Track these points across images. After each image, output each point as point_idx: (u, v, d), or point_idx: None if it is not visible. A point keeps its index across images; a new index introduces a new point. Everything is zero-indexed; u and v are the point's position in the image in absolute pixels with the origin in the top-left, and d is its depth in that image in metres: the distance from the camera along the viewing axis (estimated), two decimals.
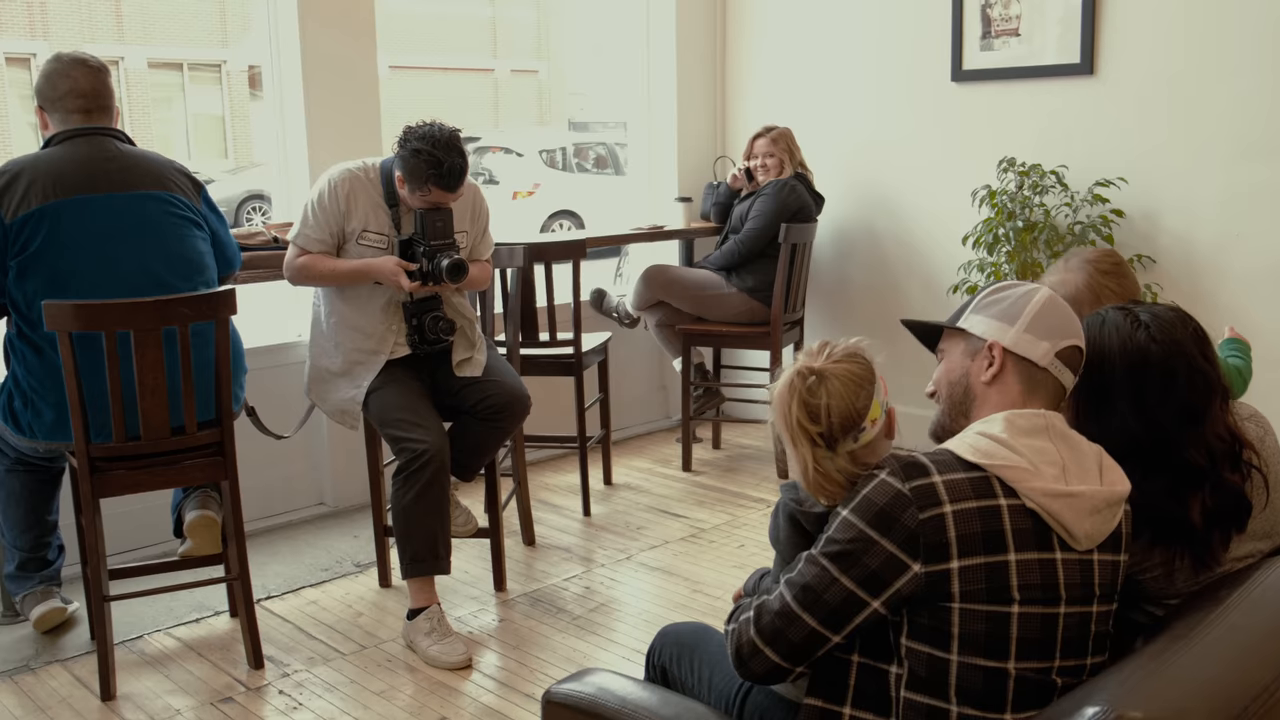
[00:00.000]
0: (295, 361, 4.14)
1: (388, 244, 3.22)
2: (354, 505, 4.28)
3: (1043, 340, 1.63)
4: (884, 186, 4.90)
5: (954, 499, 1.48)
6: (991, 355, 1.65)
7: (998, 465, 1.51)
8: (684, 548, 3.90)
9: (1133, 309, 1.81)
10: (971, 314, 1.69)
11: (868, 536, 1.50)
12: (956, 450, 1.55)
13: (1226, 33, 3.88)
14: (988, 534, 1.48)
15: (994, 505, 1.49)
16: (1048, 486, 1.51)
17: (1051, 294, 1.68)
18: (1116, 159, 4.14)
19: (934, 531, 1.47)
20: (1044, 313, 1.65)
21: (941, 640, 1.50)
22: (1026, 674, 1.50)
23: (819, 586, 1.53)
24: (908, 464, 1.53)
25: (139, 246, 2.89)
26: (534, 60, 23.19)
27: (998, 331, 1.65)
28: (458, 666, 3.05)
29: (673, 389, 5.42)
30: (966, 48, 4.51)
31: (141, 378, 2.79)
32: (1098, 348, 1.77)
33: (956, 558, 1.47)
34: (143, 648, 3.21)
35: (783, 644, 1.56)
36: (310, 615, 3.41)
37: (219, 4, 19.53)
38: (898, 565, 1.49)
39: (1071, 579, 1.52)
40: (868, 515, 1.51)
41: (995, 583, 1.48)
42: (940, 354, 1.77)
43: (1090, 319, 1.84)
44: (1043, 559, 1.50)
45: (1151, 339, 1.73)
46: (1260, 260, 3.89)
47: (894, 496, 1.50)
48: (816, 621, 1.53)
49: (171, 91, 19.30)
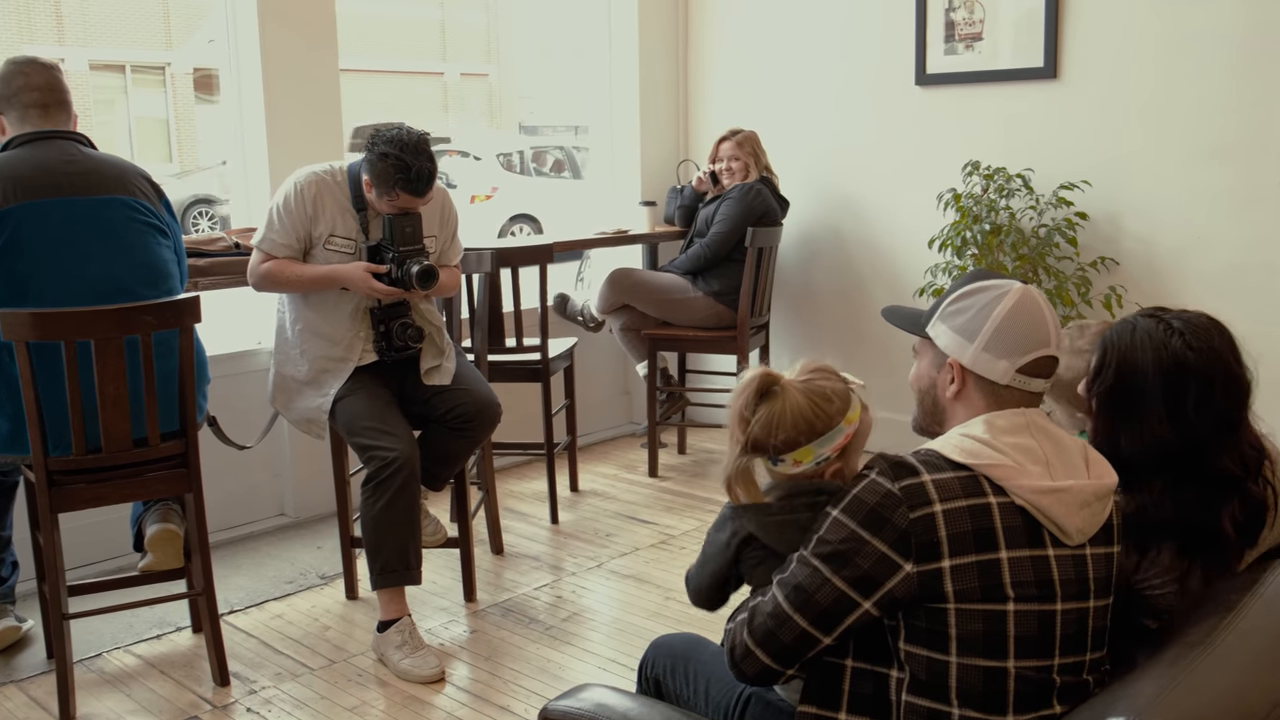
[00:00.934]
0: (255, 369, 4.05)
1: (355, 249, 3.15)
2: (316, 515, 4.20)
3: (1001, 359, 1.58)
4: (849, 190, 4.90)
5: (944, 498, 1.48)
6: (952, 373, 1.63)
7: (984, 464, 1.51)
8: (654, 554, 3.87)
9: (1163, 315, 1.77)
10: (938, 320, 1.66)
11: (859, 536, 1.49)
12: (943, 451, 1.54)
13: (1188, 37, 3.92)
14: (978, 532, 1.47)
15: (984, 503, 1.49)
16: (1035, 483, 1.50)
17: (1018, 300, 1.59)
18: (1080, 162, 4.18)
19: (925, 531, 1.47)
20: (1004, 327, 1.58)
21: (939, 642, 1.49)
22: (1026, 673, 1.49)
23: (810, 587, 1.52)
24: (896, 464, 1.52)
25: (102, 252, 2.80)
26: (484, 63, 23.06)
27: (957, 348, 1.62)
28: (430, 680, 2.99)
29: (636, 394, 5.39)
30: (930, 52, 4.53)
31: (102, 388, 2.70)
32: (1128, 356, 1.74)
33: (948, 557, 1.46)
34: (102, 666, 3.12)
35: (773, 645, 1.56)
36: (276, 629, 3.34)
37: (162, 6, 19.21)
38: (889, 565, 1.48)
39: (1066, 574, 1.51)
40: (858, 515, 1.50)
41: (988, 581, 1.47)
42: (915, 351, 1.75)
43: (1120, 326, 1.79)
44: (1035, 555, 1.49)
45: (1188, 346, 1.70)
46: (1222, 262, 3.94)
47: (884, 496, 1.49)
48: (808, 622, 1.53)
49: (113, 94, 18.94)
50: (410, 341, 3.20)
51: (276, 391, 3.30)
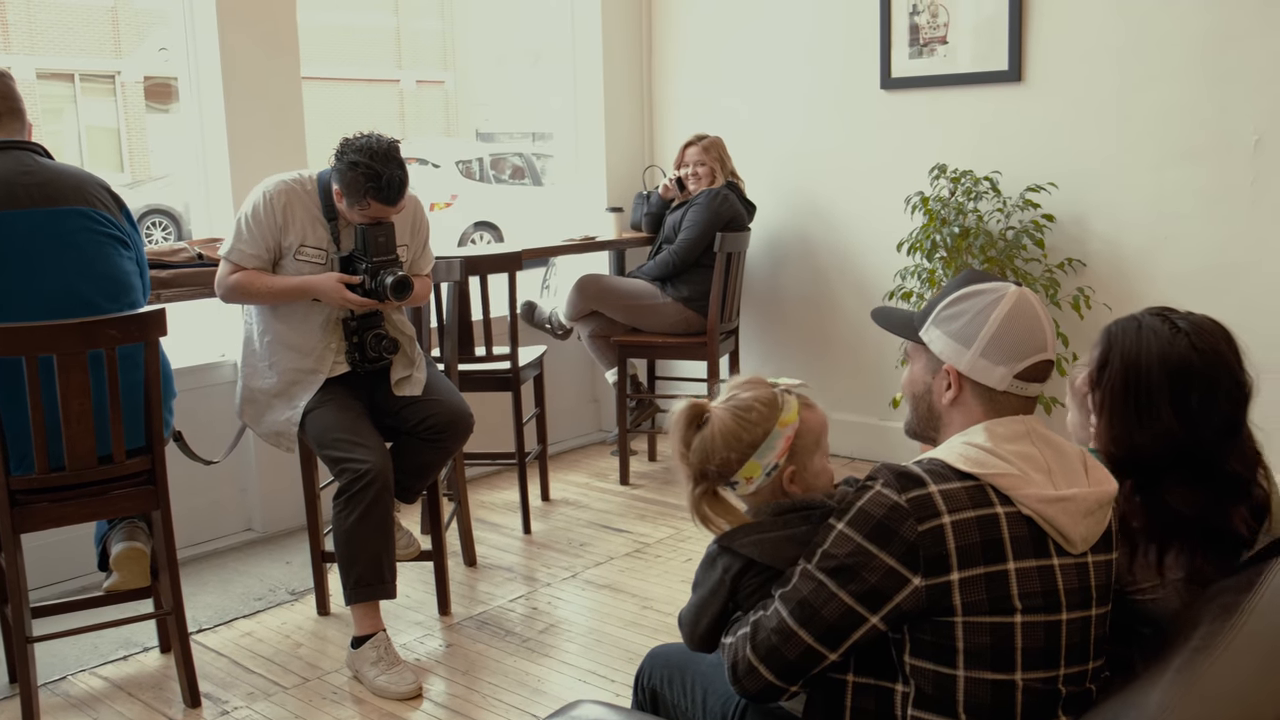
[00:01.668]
0: (220, 382, 3.98)
1: (327, 260, 3.10)
2: (284, 530, 4.13)
3: (999, 366, 1.56)
4: (816, 194, 4.90)
5: (952, 509, 1.45)
6: (949, 379, 1.61)
7: (991, 474, 1.49)
8: (629, 563, 3.83)
9: (1169, 315, 1.76)
10: (932, 325, 1.63)
11: (866, 550, 1.46)
12: (948, 460, 1.51)
13: (1151, 39, 3.96)
14: (986, 543, 1.45)
15: (991, 514, 1.46)
16: (1041, 492, 1.49)
17: (1015, 304, 1.57)
18: (1046, 164, 4.20)
19: (933, 543, 1.44)
20: (1002, 332, 1.56)
21: (946, 656, 1.46)
22: (1034, 685, 1.47)
23: (816, 602, 1.48)
24: (902, 475, 1.49)
25: (61, 264, 2.72)
26: (440, 71, 22.94)
27: (954, 354, 1.59)
28: (408, 696, 2.94)
29: (605, 401, 5.36)
30: (895, 56, 4.53)
31: (66, 404, 2.63)
32: (1133, 354, 1.73)
33: (957, 569, 1.44)
34: (68, 690, 3.03)
35: (778, 661, 1.52)
36: (246, 648, 3.27)
37: (111, 14, 18.94)
38: (898, 579, 1.45)
39: (1070, 584, 1.50)
40: (865, 528, 1.47)
41: (996, 593, 1.45)
42: (906, 355, 1.73)
43: (1125, 323, 1.78)
44: (1041, 566, 1.48)
45: (1193, 347, 1.70)
46: (1187, 263, 3.97)
47: (891, 508, 1.46)
48: (813, 638, 1.49)
49: (62, 103, 18.64)
50: (385, 353, 3.15)
51: (244, 405, 3.24)
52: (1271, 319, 3.78)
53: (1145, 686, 1.32)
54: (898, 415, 1.52)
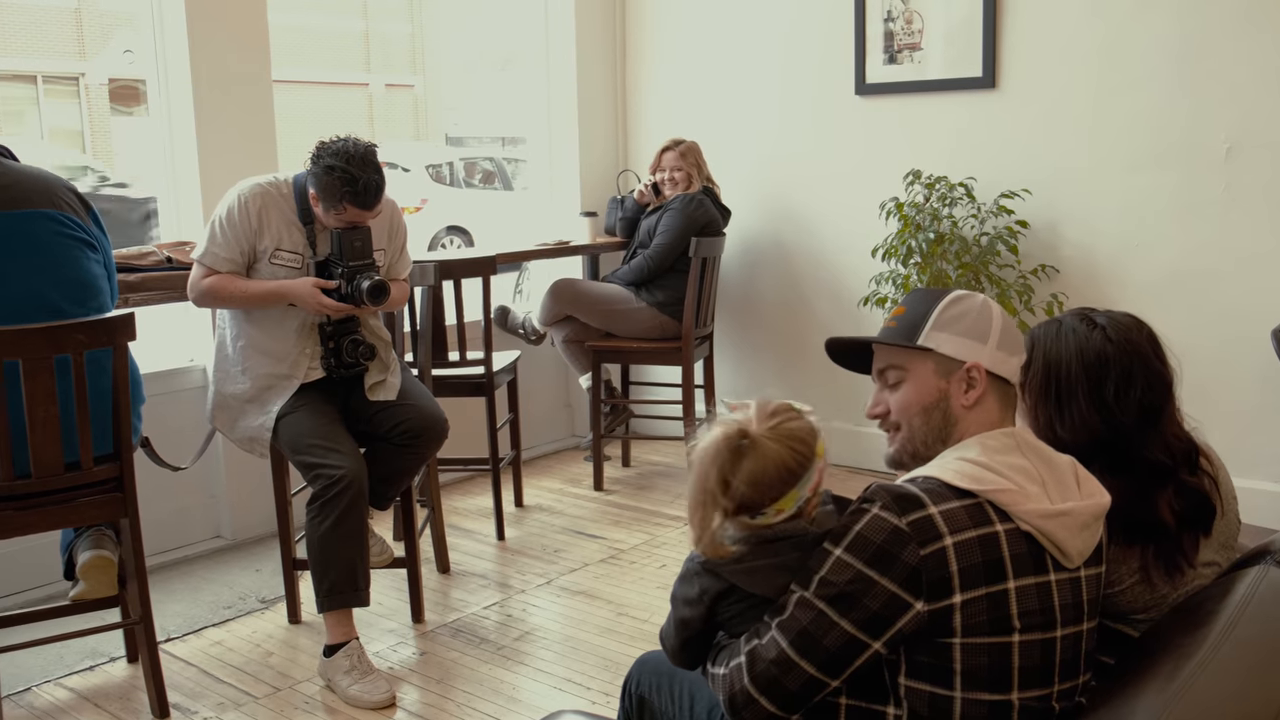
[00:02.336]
0: (188, 388, 3.93)
1: (302, 264, 3.06)
2: (254, 537, 4.07)
3: (1012, 357, 1.62)
4: (791, 200, 4.90)
5: (953, 530, 1.42)
6: (971, 377, 1.58)
7: (990, 490, 1.46)
8: (604, 570, 3.81)
9: (1089, 314, 1.83)
10: (934, 331, 1.60)
11: (867, 577, 1.42)
12: (943, 477, 1.48)
13: (1124, 47, 3.98)
14: (988, 564, 1.42)
15: (992, 533, 1.43)
16: (1040, 507, 1.46)
17: (995, 303, 1.66)
18: (1020, 171, 4.22)
19: (936, 567, 1.40)
20: (1006, 327, 1.62)
21: (944, 677, 1.43)
22: (1030, 704, 1.45)
23: (817, 632, 1.44)
24: (900, 496, 1.44)
25: (27, 268, 2.67)
26: (409, 75, 22.83)
27: (973, 351, 1.58)
28: (381, 705, 2.89)
29: (578, 407, 5.33)
30: (869, 62, 4.54)
31: (32, 410, 2.58)
32: (1054, 352, 1.80)
33: (959, 591, 1.41)
34: (32, 701, 2.97)
35: (779, 693, 1.47)
36: (216, 657, 3.21)
37: (75, 15, 18.70)
38: (900, 605, 1.41)
39: (1065, 599, 1.48)
40: (865, 554, 1.42)
41: (997, 613, 1.42)
42: (886, 376, 1.67)
43: (1047, 325, 1.86)
44: (1039, 583, 1.46)
45: (1108, 340, 1.76)
46: (1159, 269, 4.00)
47: (892, 532, 1.42)
48: (815, 668, 1.45)
49: (24, 105, 18.39)
50: (361, 358, 3.11)
51: (216, 411, 3.19)
52: (1242, 325, 3.82)
53: (1132, 695, 1.31)
54: (873, 421, 1.51)
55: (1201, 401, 3.56)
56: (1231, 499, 1.87)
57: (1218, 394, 3.83)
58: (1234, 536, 1.84)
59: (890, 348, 1.65)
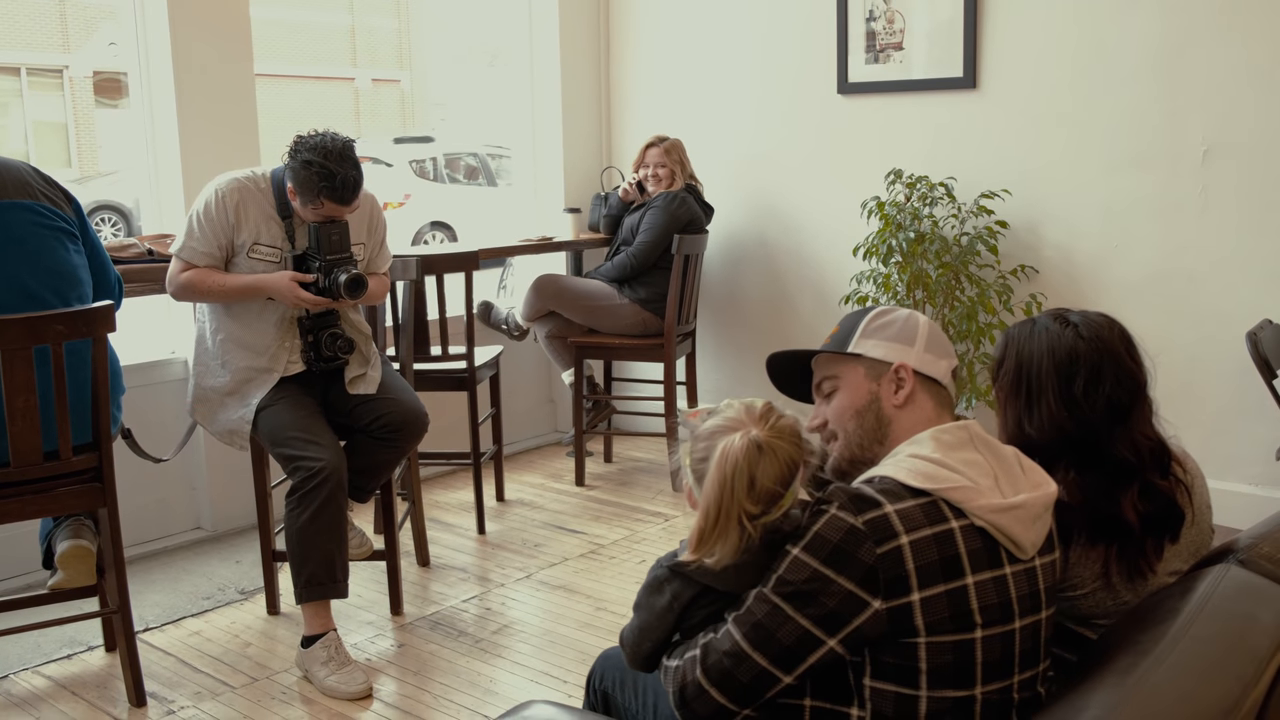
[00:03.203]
0: (170, 379, 3.93)
1: (280, 258, 3.06)
2: (234, 529, 4.08)
3: (941, 359, 1.68)
4: (773, 198, 4.92)
5: (909, 529, 1.44)
6: (900, 377, 1.65)
7: (944, 488, 1.48)
8: (584, 564, 3.83)
9: (1063, 313, 1.86)
10: (863, 339, 1.69)
11: (823, 575, 1.44)
12: (898, 477, 1.50)
13: (1104, 48, 4.01)
14: (945, 561, 1.44)
15: (947, 530, 1.46)
16: (993, 502, 1.49)
17: (924, 316, 1.72)
18: (1000, 171, 4.25)
19: (893, 565, 1.42)
20: (933, 333, 1.69)
21: (909, 677, 1.45)
22: (991, 697, 1.48)
23: (772, 625, 1.46)
24: (856, 497, 1.47)
25: (5, 259, 2.67)
26: (396, 70, 22.77)
27: (899, 353, 1.65)
28: (357, 696, 2.91)
29: (561, 402, 5.35)
30: (851, 61, 4.57)
31: (11, 400, 2.58)
32: (1026, 351, 1.82)
33: (917, 590, 1.43)
34: (9, 689, 2.98)
35: (731, 685, 1.49)
36: (194, 647, 3.22)
37: (59, 7, 18.60)
38: (857, 603, 1.43)
39: (1021, 590, 1.51)
40: (822, 553, 1.45)
41: (957, 609, 1.45)
42: (822, 389, 1.73)
43: (1021, 325, 1.89)
44: (996, 576, 1.48)
45: (1079, 337, 1.79)
46: (1138, 270, 4.03)
47: (848, 532, 1.44)
48: (768, 661, 1.47)
49: (8, 97, 18.28)
50: (340, 352, 3.12)
51: (196, 404, 3.19)
52: (1218, 326, 3.85)
53: (1087, 690, 1.33)
54: None
55: (1178, 402, 3.61)
56: (1205, 509, 1.87)
57: (1194, 395, 3.87)
58: (1205, 547, 1.85)
59: (826, 360, 1.73)
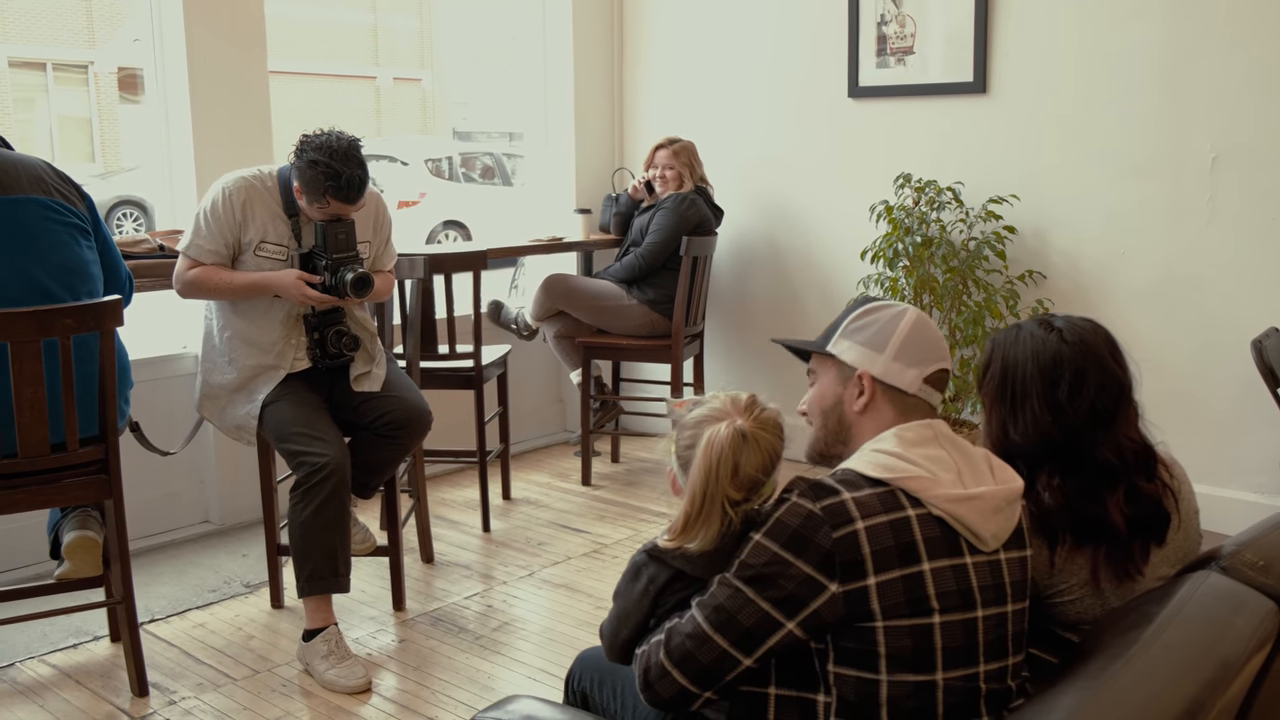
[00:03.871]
0: (179, 374, 3.97)
1: (287, 256, 3.10)
2: (242, 523, 4.12)
3: (911, 368, 1.66)
4: (783, 200, 4.94)
5: (865, 515, 1.49)
6: (861, 385, 1.66)
7: (901, 478, 1.52)
8: (586, 564, 3.85)
9: (1049, 318, 1.88)
10: (840, 338, 1.70)
11: (782, 559, 1.49)
12: (858, 468, 1.56)
13: (1114, 54, 4.01)
14: (901, 546, 1.48)
15: (903, 517, 1.50)
16: (949, 492, 1.53)
17: (918, 317, 1.69)
18: (1009, 176, 4.25)
19: (848, 549, 1.47)
20: (911, 338, 1.66)
21: (869, 661, 1.49)
22: (955, 684, 1.50)
23: (733, 607, 1.51)
24: (816, 485, 1.52)
25: (15, 253, 2.71)
26: (417, 69, 22.86)
27: (866, 360, 1.66)
28: (357, 690, 2.94)
29: (570, 402, 5.37)
30: (862, 65, 4.58)
31: (19, 391, 2.62)
32: (1011, 357, 1.84)
33: (873, 574, 1.47)
34: (15, 676, 3.02)
35: (692, 666, 1.54)
36: (198, 639, 3.26)
37: (85, 3, 18.76)
38: (814, 586, 1.48)
39: (984, 581, 1.53)
40: (781, 538, 1.50)
41: (914, 594, 1.48)
42: (812, 375, 1.76)
43: (1007, 331, 1.91)
44: (955, 565, 1.51)
45: (1064, 341, 1.81)
46: (1144, 276, 4.03)
47: (806, 517, 1.49)
48: (729, 643, 1.51)
49: (34, 92, 18.45)
50: (346, 350, 3.16)
51: (204, 400, 3.23)
52: (1223, 334, 3.84)
53: (1058, 692, 1.35)
54: None
55: (1183, 409, 3.60)
56: (1192, 514, 1.88)
57: (1199, 402, 3.86)
58: (1192, 552, 1.86)
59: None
